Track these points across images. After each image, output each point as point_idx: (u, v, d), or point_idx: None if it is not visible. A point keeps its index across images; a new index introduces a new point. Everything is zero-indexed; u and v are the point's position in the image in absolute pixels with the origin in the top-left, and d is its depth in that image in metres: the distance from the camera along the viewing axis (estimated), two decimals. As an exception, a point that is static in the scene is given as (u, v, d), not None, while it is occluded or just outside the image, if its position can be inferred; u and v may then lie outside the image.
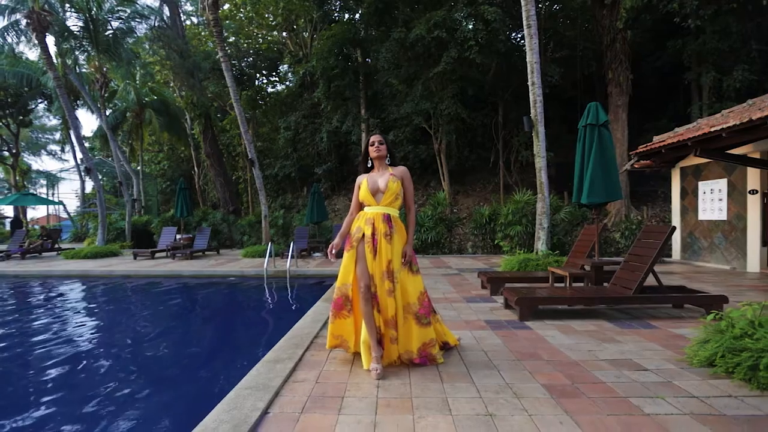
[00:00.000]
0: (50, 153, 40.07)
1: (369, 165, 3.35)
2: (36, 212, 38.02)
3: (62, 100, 14.46)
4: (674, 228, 4.70)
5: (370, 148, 3.27)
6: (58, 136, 37.15)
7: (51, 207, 32.30)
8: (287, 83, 24.16)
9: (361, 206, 3.32)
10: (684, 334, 3.92)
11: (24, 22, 15.75)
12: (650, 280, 4.83)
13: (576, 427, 2.22)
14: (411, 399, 2.62)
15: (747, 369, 2.67)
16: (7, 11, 15.74)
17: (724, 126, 5.76)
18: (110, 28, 17.03)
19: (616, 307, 5.02)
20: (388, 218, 3.14)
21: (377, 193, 3.17)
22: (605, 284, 5.34)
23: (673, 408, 2.42)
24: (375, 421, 2.36)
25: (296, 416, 2.43)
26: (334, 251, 3.18)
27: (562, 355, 3.38)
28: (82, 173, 26.59)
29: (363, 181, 3.25)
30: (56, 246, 16.01)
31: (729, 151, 7.19)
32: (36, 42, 14.05)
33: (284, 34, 22.45)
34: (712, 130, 6.03)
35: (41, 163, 63.85)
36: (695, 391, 2.65)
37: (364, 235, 3.13)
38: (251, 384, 2.84)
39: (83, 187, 28.81)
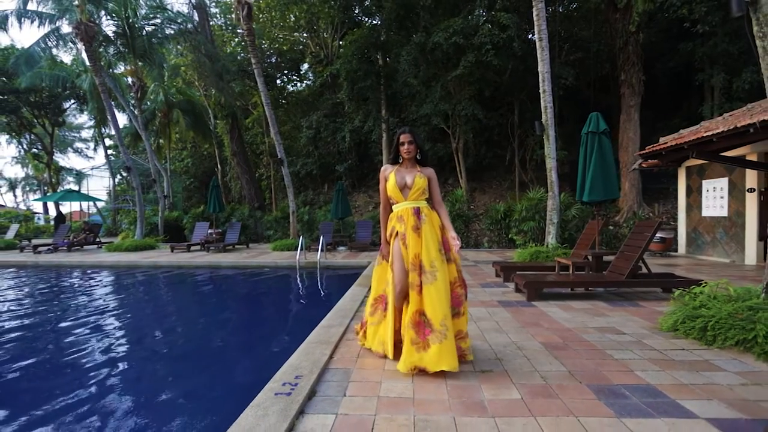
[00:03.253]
0: (76, 150, 41.60)
1: (399, 161, 3.35)
2: (64, 208, 39.83)
3: (106, 104, 15.58)
4: (661, 222, 5.43)
5: (401, 148, 3.26)
6: (84, 134, 38.77)
7: (79, 204, 33.91)
8: (307, 82, 25.01)
9: (388, 201, 3.35)
10: (664, 311, 4.65)
11: (66, 29, 17.07)
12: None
13: (561, 365, 3.04)
14: (439, 350, 3.45)
15: (699, 330, 3.46)
16: (47, 20, 16.95)
17: (715, 131, 6.40)
18: (144, 33, 18.14)
19: (612, 291, 5.78)
20: (417, 211, 3.15)
21: (404, 189, 3.21)
22: (605, 272, 6.08)
23: (636, 356, 3.22)
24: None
25: (354, 359, 3.29)
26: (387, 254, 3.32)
27: (559, 325, 4.18)
28: (122, 171, 28.03)
29: (391, 176, 3.26)
30: (97, 240, 17.23)
31: (726, 153, 7.78)
32: (83, 49, 15.21)
33: (305, 34, 23.28)
34: (705, 134, 6.67)
35: (68, 160, 66.23)
36: (657, 346, 3.44)
37: (398, 233, 3.19)
38: (315, 340, 3.72)
39: (114, 184, 30.18)
